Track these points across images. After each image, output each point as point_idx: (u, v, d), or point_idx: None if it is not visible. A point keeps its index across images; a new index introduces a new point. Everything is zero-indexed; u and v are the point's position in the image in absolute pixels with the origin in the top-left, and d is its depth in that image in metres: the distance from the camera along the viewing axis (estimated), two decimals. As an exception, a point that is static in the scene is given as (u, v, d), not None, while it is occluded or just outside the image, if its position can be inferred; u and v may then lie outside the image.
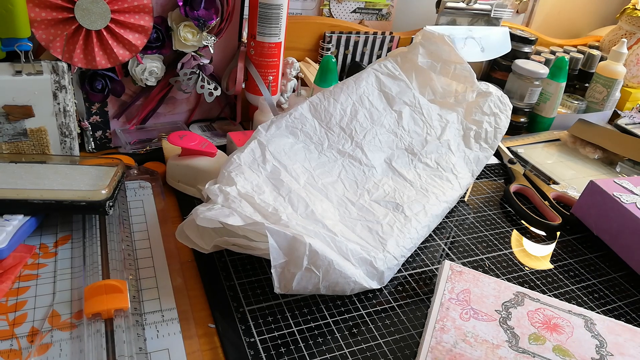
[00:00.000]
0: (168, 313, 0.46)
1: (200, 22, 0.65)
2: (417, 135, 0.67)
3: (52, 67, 0.57)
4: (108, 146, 0.71)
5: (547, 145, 0.93)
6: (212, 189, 0.50)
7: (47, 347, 0.41)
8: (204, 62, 0.70)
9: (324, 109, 0.63)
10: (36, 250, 0.51)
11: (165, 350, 0.43)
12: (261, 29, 0.70)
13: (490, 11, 0.98)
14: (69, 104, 0.59)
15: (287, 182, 0.55)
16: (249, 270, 0.52)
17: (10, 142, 0.58)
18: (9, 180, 0.53)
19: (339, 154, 0.62)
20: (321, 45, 0.91)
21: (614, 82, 1.00)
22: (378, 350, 0.46)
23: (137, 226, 0.56)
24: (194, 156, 0.62)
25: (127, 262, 0.50)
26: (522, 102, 0.94)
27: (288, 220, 0.49)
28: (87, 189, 0.53)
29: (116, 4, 0.59)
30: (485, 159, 0.71)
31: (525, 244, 0.64)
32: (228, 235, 0.50)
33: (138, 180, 0.63)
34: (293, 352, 0.44)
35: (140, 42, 0.63)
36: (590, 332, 0.49)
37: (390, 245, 0.53)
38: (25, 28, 0.55)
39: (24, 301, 0.45)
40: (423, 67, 0.70)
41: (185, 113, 0.77)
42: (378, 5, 0.99)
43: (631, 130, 0.99)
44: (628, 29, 1.12)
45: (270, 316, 0.47)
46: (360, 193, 0.59)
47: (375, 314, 0.50)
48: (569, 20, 1.29)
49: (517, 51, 1.00)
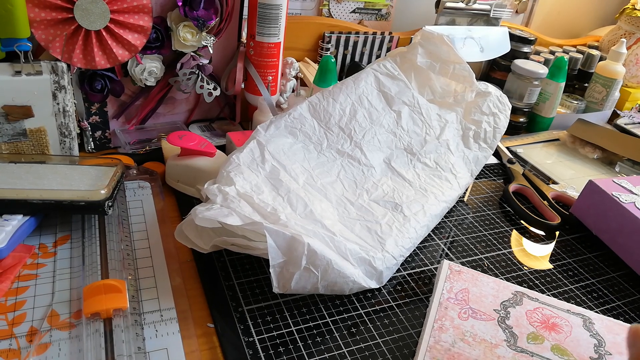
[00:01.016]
0: (167, 313, 0.46)
1: (200, 22, 0.66)
2: (416, 135, 0.67)
3: (51, 67, 0.57)
4: (107, 146, 0.71)
5: (547, 145, 0.93)
6: (211, 189, 0.50)
7: (46, 346, 0.42)
8: (203, 62, 0.70)
9: (323, 109, 0.63)
10: (35, 250, 0.51)
11: (164, 350, 0.43)
12: (260, 29, 0.70)
13: (490, 11, 0.98)
14: (69, 104, 0.59)
15: (286, 182, 0.55)
16: (248, 270, 0.52)
17: (9, 142, 0.58)
18: (8, 180, 0.53)
19: (338, 153, 0.62)
20: (320, 45, 0.91)
21: (613, 82, 1.00)
22: (377, 350, 0.46)
23: (136, 226, 0.56)
24: (193, 156, 0.62)
25: (126, 262, 0.50)
26: (521, 102, 0.94)
27: (287, 220, 0.49)
28: (86, 189, 0.53)
29: (115, 4, 0.59)
30: (485, 159, 0.71)
31: (525, 243, 0.65)
32: (227, 235, 0.50)
33: (137, 180, 0.64)
34: (292, 351, 0.44)
35: (140, 42, 0.63)
36: (588, 331, 0.49)
37: (389, 245, 0.53)
38: (24, 28, 0.55)
39: (23, 301, 0.45)
40: (422, 67, 0.70)
41: (184, 113, 0.77)
42: (377, 5, 0.99)
43: (630, 130, 0.99)
44: (627, 29, 1.12)
45: (269, 316, 0.48)
46: (359, 193, 0.59)
47: (374, 313, 0.50)
48: (568, 20, 1.29)
49: (517, 51, 1.00)
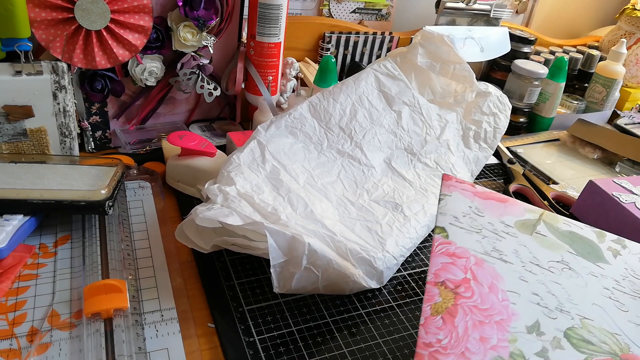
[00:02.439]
0: (167, 313, 0.46)
1: (200, 22, 0.66)
2: (416, 135, 0.67)
3: (52, 67, 0.57)
4: (108, 146, 0.71)
5: (547, 145, 0.93)
6: (212, 189, 0.50)
7: (46, 346, 0.42)
8: (203, 62, 0.70)
9: (323, 109, 0.63)
10: (36, 250, 0.51)
11: (164, 350, 0.43)
12: (261, 29, 0.70)
13: (490, 11, 0.98)
14: (69, 104, 0.59)
15: (287, 182, 0.55)
16: (248, 270, 0.52)
17: (10, 142, 0.58)
18: (8, 180, 0.53)
19: (339, 153, 0.62)
20: (321, 45, 0.91)
21: (613, 82, 1.00)
22: (377, 350, 0.46)
23: (136, 226, 0.56)
24: (194, 156, 0.62)
25: (126, 262, 0.50)
26: (521, 102, 0.94)
27: (287, 220, 0.49)
28: (86, 189, 0.53)
29: (116, 4, 0.59)
30: (485, 159, 0.71)
31: (525, 243, 0.64)
32: (227, 235, 0.50)
33: (138, 180, 0.64)
34: (292, 351, 0.44)
35: (140, 42, 0.63)
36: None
37: (390, 245, 0.53)
38: (25, 28, 0.55)
39: (24, 301, 0.45)
40: (422, 67, 0.70)
41: (184, 113, 0.77)
42: (377, 5, 0.99)
43: (630, 130, 0.99)
44: (627, 29, 1.12)
45: (269, 316, 0.48)
46: (359, 193, 0.59)
47: (374, 313, 0.50)
48: (568, 20, 1.29)
49: (517, 51, 1.00)
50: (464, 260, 0.40)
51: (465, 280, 0.39)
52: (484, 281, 0.39)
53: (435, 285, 0.38)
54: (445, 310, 0.37)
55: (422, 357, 0.34)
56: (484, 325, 0.37)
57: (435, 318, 0.36)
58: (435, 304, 0.37)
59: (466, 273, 0.39)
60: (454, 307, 0.37)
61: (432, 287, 0.38)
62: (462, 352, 0.35)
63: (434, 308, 0.37)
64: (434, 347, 0.35)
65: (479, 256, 0.41)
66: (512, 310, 0.38)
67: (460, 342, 0.35)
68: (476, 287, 0.38)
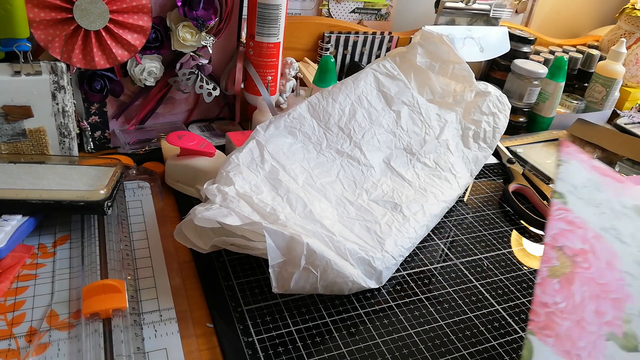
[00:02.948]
0: (166, 313, 0.46)
1: (199, 22, 0.66)
2: (415, 135, 0.67)
3: (51, 67, 0.57)
4: (107, 146, 0.71)
5: (546, 145, 0.93)
6: (211, 189, 0.50)
7: (45, 346, 0.42)
8: (202, 62, 0.70)
9: (322, 109, 0.63)
10: (35, 250, 0.51)
11: (163, 350, 0.43)
12: (260, 29, 0.70)
13: (489, 11, 0.98)
14: (68, 104, 0.59)
15: (286, 182, 0.55)
16: (247, 270, 0.52)
17: (9, 142, 0.58)
18: (7, 181, 0.53)
19: (338, 153, 0.62)
20: (320, 45, 0.91)
21: (613, 82, 1.00)
22: (376, 350, 0.46)
23: (135, 226, 0.56)
24: (193, 156, 0.62)
25: (125, 262, 0.50)
26: (521, 102, 0.94)
27: (286, 220, 0.49)
28: (85, 189, 0.53)
29: (115, 4, 0.59)
30: (484, 159, 0.71)
31: (525, 243, 0.64)
32: (226, 235, 0.50)
33: (137, 180, 0.64)
34: (291, 351, 0.44)
35: (139, 42, 0.63)
36: None
37: (389, 245, 0.53)
38: (24, 28, 0.55)
39: (23, 301, 0.45)
40: (422, 67, 0.70)
41: (184, 113, 0.77)
42: (377, 5, 0.99)
43: (630, 130, 0.99)
44: (627, 29, 1.12)
45: (268, 316, 0.48)
46: (358, 193, 0.59)
47: (373, 313, 0.50)
48: (568, 20, 1.29)
49: (516, 51, 1.00)
50: (583, 231, 0.39)
51: (583, 251, 0.38)
52: (602, 256, 0.38)
53: (553, 249, 0.37)
54: (562, 276, 0.36)
55: (539, 315, 0.34)
56: (600, 300, 0.36)
57: (553, 281, 0.36)
58: (552, 267, 0.36)
59: (584, 244, 0.39)
60: (572, 274, 0.36)
61: (550, 249, 0.37)
62: (578, 320, 0.34)
63: (551, 271, 0.36)
64: (550, 308, 0.34)
65: (598, 231, 0.40)
66: (628, 292, 0.37)
67: (577, 309, 0.35)
68: (594, 260, 0.38)
